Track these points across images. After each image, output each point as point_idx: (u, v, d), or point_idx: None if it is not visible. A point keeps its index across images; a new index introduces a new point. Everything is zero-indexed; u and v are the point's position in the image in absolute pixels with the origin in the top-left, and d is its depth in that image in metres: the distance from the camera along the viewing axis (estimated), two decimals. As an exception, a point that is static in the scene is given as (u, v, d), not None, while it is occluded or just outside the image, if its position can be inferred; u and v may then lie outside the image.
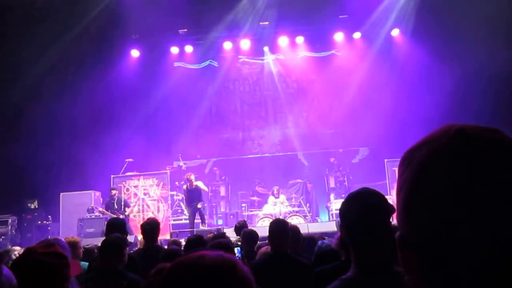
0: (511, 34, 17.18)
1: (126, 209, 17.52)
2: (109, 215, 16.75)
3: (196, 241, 6.75)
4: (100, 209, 17.53)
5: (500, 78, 17.55)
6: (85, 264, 7.04)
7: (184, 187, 18.04)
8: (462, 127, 1.07)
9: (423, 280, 1.06)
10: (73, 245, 7.25)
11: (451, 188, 1.00)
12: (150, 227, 7.49)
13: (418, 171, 1.06)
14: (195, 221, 18.06)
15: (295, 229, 7.22)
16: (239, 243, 7.62)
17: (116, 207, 17.27)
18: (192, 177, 17.77)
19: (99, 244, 6.08)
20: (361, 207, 2.57)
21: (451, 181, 1.00)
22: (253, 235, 8.02)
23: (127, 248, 5.92)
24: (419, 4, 19.95)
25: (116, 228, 7.02)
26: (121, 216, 16.20)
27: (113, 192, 17.68)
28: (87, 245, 9.37)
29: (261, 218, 18.27)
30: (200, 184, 17.91)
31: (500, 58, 16.96)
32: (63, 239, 6.40)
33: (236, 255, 5.11)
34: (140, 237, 9.77)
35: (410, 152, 1.11)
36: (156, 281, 2.60)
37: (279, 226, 6.07)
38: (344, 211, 2.69)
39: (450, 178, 1.01)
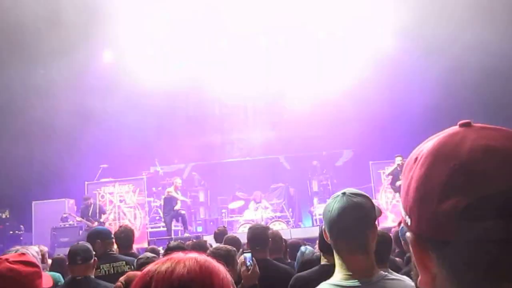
0: (500, 23, 16.98)
1: (102, 215, 17.44)
2: (85, 222, 16.93)
3: (176, 249, 6.03)
4: (77, 218, 17.39)
5: (487, 71, 17.31)
6: (55, 274, 6.68)
7: (170, 189, 17.58)
8: (466, 122, 1.08)
9: (438, 279, 1.02)
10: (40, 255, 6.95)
11: (462, 173, 0.97)
12: (125, 235, 7.26)
13: (425, 164, 1.03)
14: (174, 228, 18.00)
15: (277, 235, 7.14)
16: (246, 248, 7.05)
17: (91, 214, 17.10)
18: (179, 182, 17.88)
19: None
20: (344, 208, 2.52)
21: (461, 166, 0.98)
22: (236, 242, 7.78)
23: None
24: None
25: (100, 237, 6.77)
26: (96, 224, 16.26)
27: (88, 201, 17.47)
28: (58, 255, 9.52)
29: (242, 224, 18.04)
30: (179, 194, 17.78)
31: (488, 50, 16.81)
32: (31, 249, 5.82)
33: (247, 263, 4.63)
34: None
35: (416, 151, 1.10)
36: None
37: (258, 231, 6.10)
38: (326, 212, 2.62)
39: (459, 164, 0.98)
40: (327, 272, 3.49)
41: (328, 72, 21.45)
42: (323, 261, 4.54)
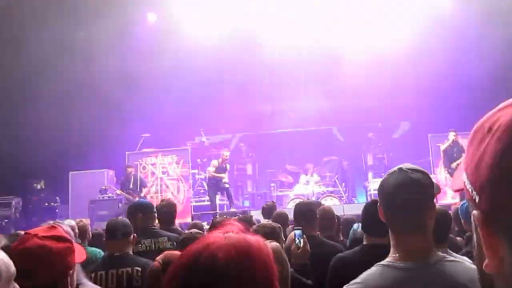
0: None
1: (143, 189, 17.01)
2: (125, 195, 16.67)
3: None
4: (117, 190, 17.13)
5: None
6: (93, 249, 7.06)
7: (215, 162, 17.32)
8: None
9: (505, 263, 0.95)
10: (82, 229, 7.28)
11: None
12: (167, 209, 7.23)
13: (506, 134, 0.95)
14: (219, 202, 18.01)
15: (329, 211, 7.23)
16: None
17: (132, 186, 16.74)
18: (227, 154, 17.55)
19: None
20: (401, 184, 2.47)
21: None
22: (285, 218, 7.94)
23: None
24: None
25: (142, 210, 6.70)
26: (136, 198, 15.97)
27: (129, 170, 17.15)
28: (96, 229, 9.32)
29: (292, 199, 17.51)
30: (228, 167, 17.63)
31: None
32: (65, 223, 6.07)
33: (296, 240, 4.59)
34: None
35: (489, 117, 1.02)
36: (165, 273, 2.20)
37: (303, 208, 6.17)
38: (382, 189, 2.61)
39: None
40: (369, 253, 3.92)
41: (385, 38, 20.59)
42: (365, 241, 4.45)
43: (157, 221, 6.88)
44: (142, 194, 16.65)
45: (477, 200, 0.97)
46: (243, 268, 1.55)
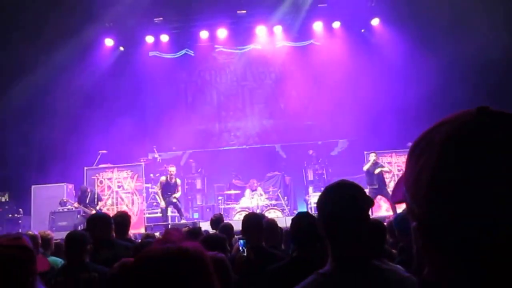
0: (494, 21, 17.07)
1: (99, 202, 17.45)
2: (82, 208, 17.04)
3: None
4: (75, 204, 17.39)
5: (480, 67, 17.53)
6: (55, 259, 7.03)
7: (163, 178, 17.67)
8: (483, 106, 1.03)
9: (447, 272, 1.00)
10: (45, 239, 7.46)
11: (487, 164, 0.94)
12: (121, 219, 7.21)
13: (442, 150, 1.00)
14: (171, 214, 18.25)
15: (273, 223, 7.24)
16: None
17: (88, 201, 17.20)
18: (173, 170, 17.63)
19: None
20: (338, 199, 2.55)
21: (487, 156, 0.95)
22: (230, 229, 7.90)
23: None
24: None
25: (100, 222, 6.71)
26: (93, 211, 16.32)
27: (85, 191, 17.56)
28: (56, 240, 9.15)
29: (238, 212, 18.17)
30: (178, 181, 17.77)
31: (481, 47, 16.94)
32: (28, 233, 6.46)
33: (240, 249, 5.04)
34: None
35: (426, 134, 1.07)
36: (120, 273, 3.02)
37: (252, 219, 6.16)
38: (320, 203, 2.66)
39: (485, 153, 0.96)
40: (299, 262, 3.94)
41: (324, 63, 21.93)
42: (295, 253, 4.41)
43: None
44: (97, 208, 17.01)
45: (416, 211, 1.03)
46: (181, 268, 1.69)
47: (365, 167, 17.37)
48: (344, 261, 2.48)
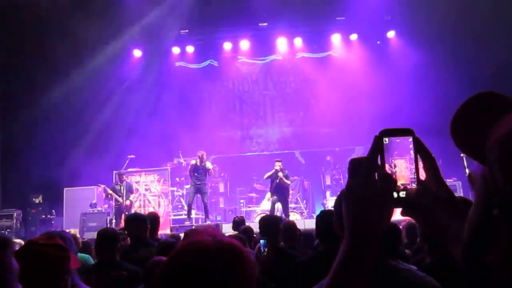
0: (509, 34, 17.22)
1: (130, 195, 17.97)
2: (115, 196, 17.52)
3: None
4: (109, 190, 17.77)
5: (497, 82, 17.15)
6: (83, 255, 7.13)
7: (193, 162, 18.06)
8: None
9: None
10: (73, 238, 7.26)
11: None
12: (150, 220, 7.26)
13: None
14: (195, 216, 18.81)
15: (292, 225, 7.48)
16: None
17: (123, 191, 17.68)
18: (203, 153, 18.04)
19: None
20: None
21: None
22: (249, 231, 8.12)
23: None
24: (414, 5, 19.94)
25: (136, 221, 7.07)
26: (127, 202, 17.38)
27: (123, 177, 18.03)
28: (83, 238, 9.94)
29: (259, 214, 18.30)
30: (208, 165, 18.09)
31: (499, 61, 17.25)
32: (70, 232, 6.26)
33: (261, 249, 5.12)
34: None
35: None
36: (157, 269, 3.00)
37: (268, 221, 6.44)
38: (337, 206, 2.90)
39: None
40: (324, 257, 3.98)
41: (344, 76, 22.53)
42: (320, 247, 4.62)
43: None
44: (131, 198, 17.72)
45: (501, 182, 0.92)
46: (233, 262, 1.62)
47: (266, 175, 18.08)
48: None
